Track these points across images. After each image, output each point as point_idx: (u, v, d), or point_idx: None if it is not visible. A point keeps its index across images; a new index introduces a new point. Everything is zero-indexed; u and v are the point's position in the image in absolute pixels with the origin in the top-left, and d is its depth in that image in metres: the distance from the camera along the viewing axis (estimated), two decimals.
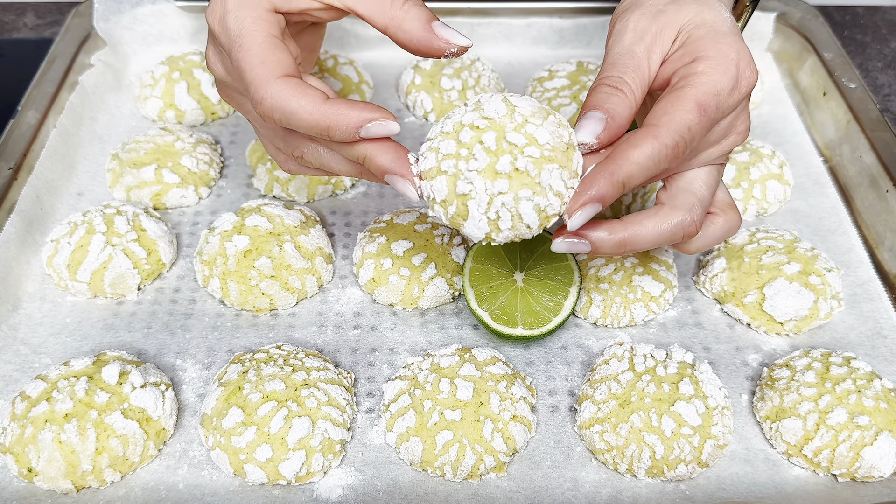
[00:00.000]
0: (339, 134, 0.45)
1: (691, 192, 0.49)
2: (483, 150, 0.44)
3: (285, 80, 0.45)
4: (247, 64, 0.46)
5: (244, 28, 0.46)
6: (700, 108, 0.45)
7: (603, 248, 0.47)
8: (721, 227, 0.52)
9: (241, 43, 0.46)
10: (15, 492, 0.52)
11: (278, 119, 0.46)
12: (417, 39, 0.46)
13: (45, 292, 0.64)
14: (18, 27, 1.01)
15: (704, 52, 0.47)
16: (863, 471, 0.52)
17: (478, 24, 0.89)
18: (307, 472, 0.52)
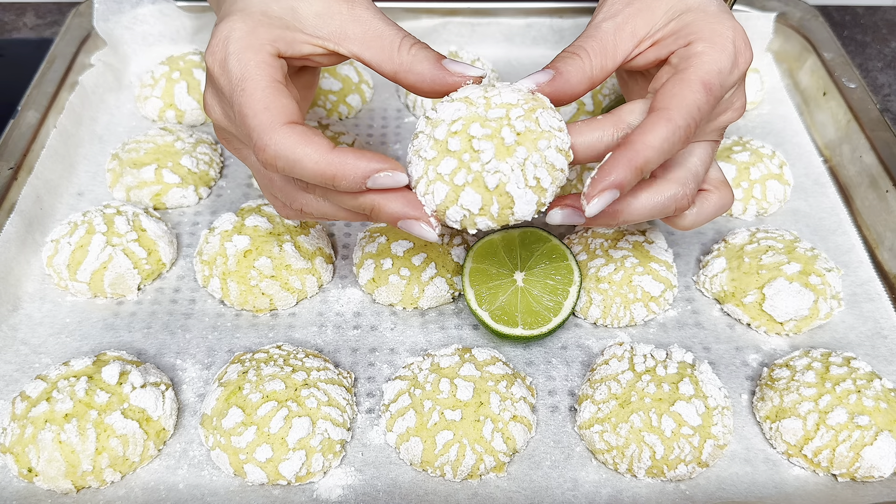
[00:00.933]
0: (346, 184, 0.44)
1: (685, 166, 0.49)
2: (482, 140, 0.44)
3: (290, 127, 0.44)
4: (250, 109, 0.45)
5: (247, 72, 0.45)
6: (706, 87, 0.45)
7: (596, 218, 0.48)
8: (714, 203, 0.52)
9: (243, 87, 0.45)
10: (15, 492, 0.52)
11: (282, 167, 0.45)
12: (431, 80, 0.46)
13: (45, 292, 0.64)
14: (18, 27, 1.01)
15: (700, 34, 0.47)
16: (863, 471, 0.52)
17: (478, 23, 0.89)
18: (307, 472, 0.52)
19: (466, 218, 0.45)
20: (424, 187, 0.45)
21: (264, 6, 0.47)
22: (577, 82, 0.47)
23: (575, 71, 0.47)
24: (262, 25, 0.47)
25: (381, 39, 0.47)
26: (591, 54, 0.47)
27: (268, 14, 0.47)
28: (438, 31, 0.89)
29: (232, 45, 0.46)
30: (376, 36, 0.47)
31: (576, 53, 0.47)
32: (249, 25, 0.46)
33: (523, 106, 0.44)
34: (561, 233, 0.70)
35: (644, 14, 0.49)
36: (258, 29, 0.46)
